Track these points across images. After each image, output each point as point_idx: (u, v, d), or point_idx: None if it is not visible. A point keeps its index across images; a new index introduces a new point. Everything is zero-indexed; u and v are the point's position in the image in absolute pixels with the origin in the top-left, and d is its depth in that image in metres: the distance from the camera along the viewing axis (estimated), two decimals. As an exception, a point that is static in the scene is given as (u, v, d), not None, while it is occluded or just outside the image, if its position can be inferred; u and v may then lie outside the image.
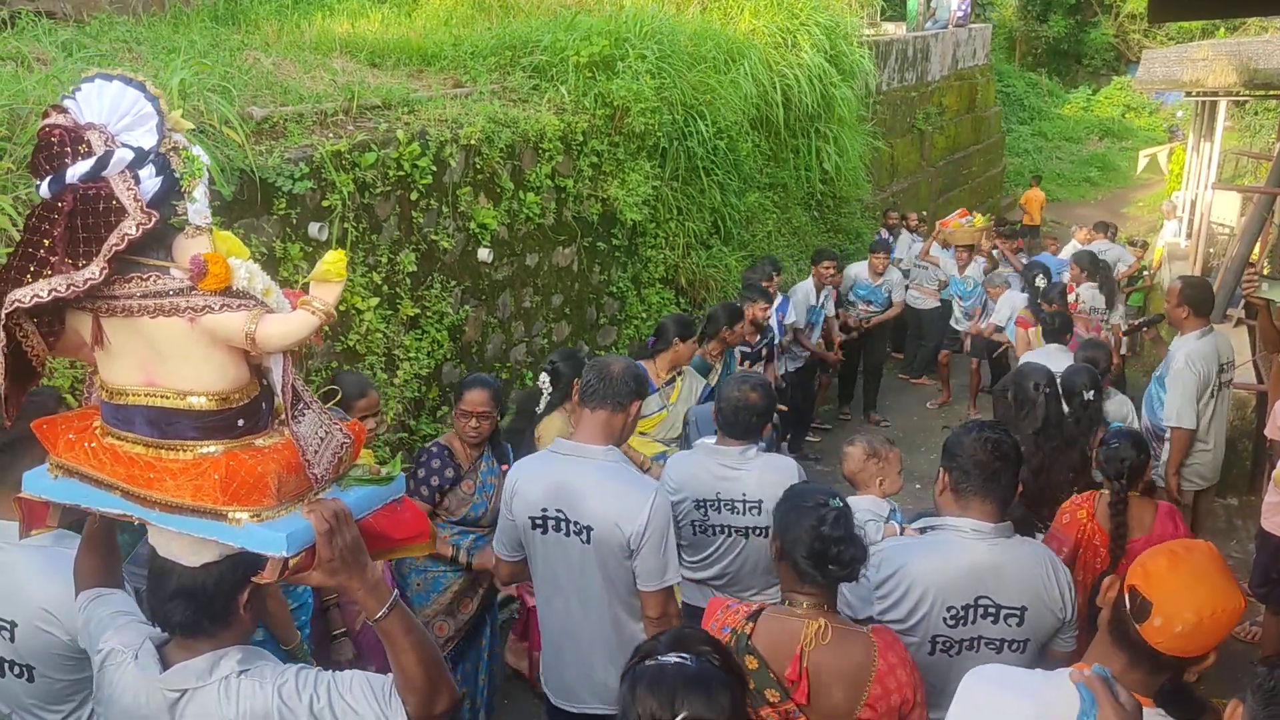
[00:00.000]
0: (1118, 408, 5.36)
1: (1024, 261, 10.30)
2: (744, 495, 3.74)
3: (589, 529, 3.10)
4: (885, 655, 2.47)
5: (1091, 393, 4.63)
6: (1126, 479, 3.89)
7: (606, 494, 3.10)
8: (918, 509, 4.68)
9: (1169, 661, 1.97)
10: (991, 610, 2.85)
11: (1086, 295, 8.51)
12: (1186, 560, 2.01)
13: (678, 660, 1.85)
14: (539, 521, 3.20)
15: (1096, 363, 5.37)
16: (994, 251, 10.61)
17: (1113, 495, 3.90)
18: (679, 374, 5.40)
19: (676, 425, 5.25)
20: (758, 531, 3.76)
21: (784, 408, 6.33)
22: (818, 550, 2.50)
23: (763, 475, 3.74)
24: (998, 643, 2.89)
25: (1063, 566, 3.00)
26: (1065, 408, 4.55)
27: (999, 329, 8.92)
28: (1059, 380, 4.60)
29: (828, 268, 8.41)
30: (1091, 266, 8.74)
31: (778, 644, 2.45)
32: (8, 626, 2.45)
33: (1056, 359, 5.69)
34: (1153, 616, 1.93)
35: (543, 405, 4.54)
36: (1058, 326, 6.65)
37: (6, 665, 2.50)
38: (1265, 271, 6.80)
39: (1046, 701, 1.97)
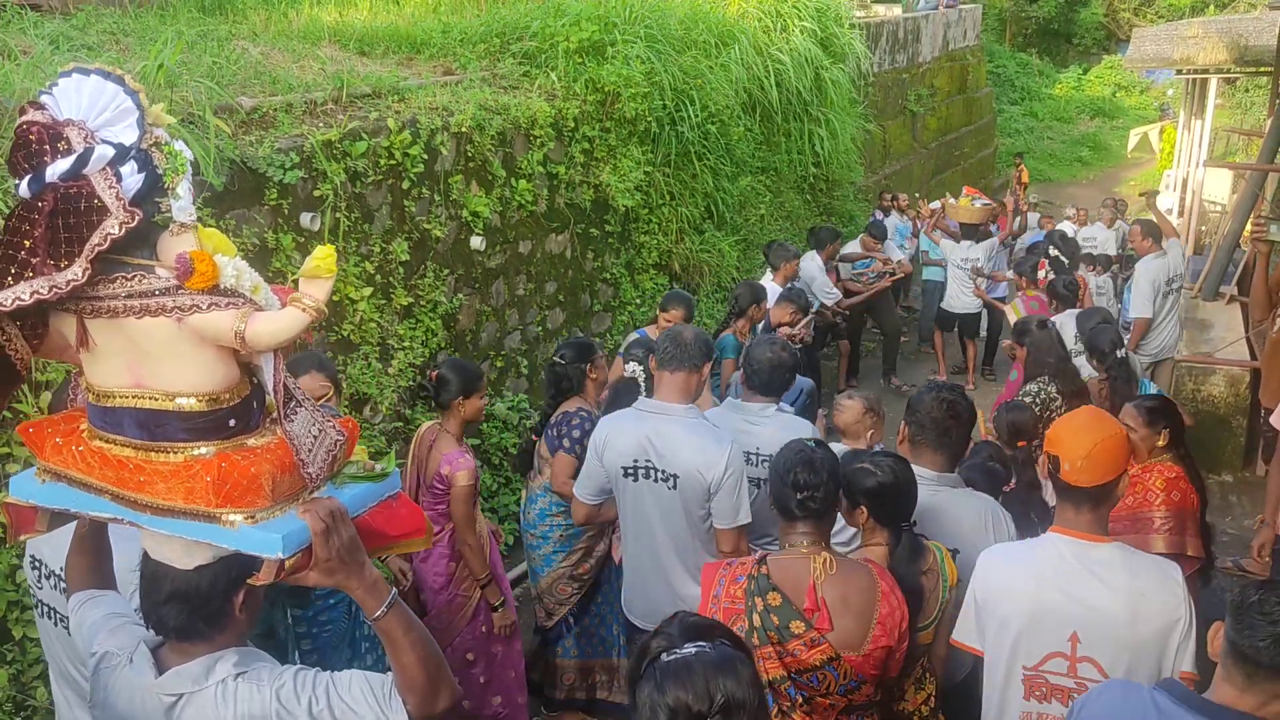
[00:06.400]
0: None
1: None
2: (758, 449, 3.90)
3: (675, 476, 3.53)
4: (884, 578, 2.71)
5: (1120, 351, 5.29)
6: None
7: (690, 446, 3.51)
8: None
9: (1095, 492, 2.60)
10: None
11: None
12: (1071, 421, 2.76)
13: (698, 649, 1.83)
14: (630, 470, 3.62)
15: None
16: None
17: None
18: None
19: None
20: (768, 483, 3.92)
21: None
22: (787, 485, 2.71)
23: (776, 432, 3.92)
24: None
25: (1007, 522, 3.34)
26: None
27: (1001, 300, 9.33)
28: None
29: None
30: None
31: (792, 580, 2.65)
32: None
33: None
34: (1062, 464, 2.62)
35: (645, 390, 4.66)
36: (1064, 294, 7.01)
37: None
38: (1264, 213, 6.83)
39: (1037, 560, 2.68)
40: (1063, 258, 8.46)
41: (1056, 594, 2.60)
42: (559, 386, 4.52)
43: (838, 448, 4.06)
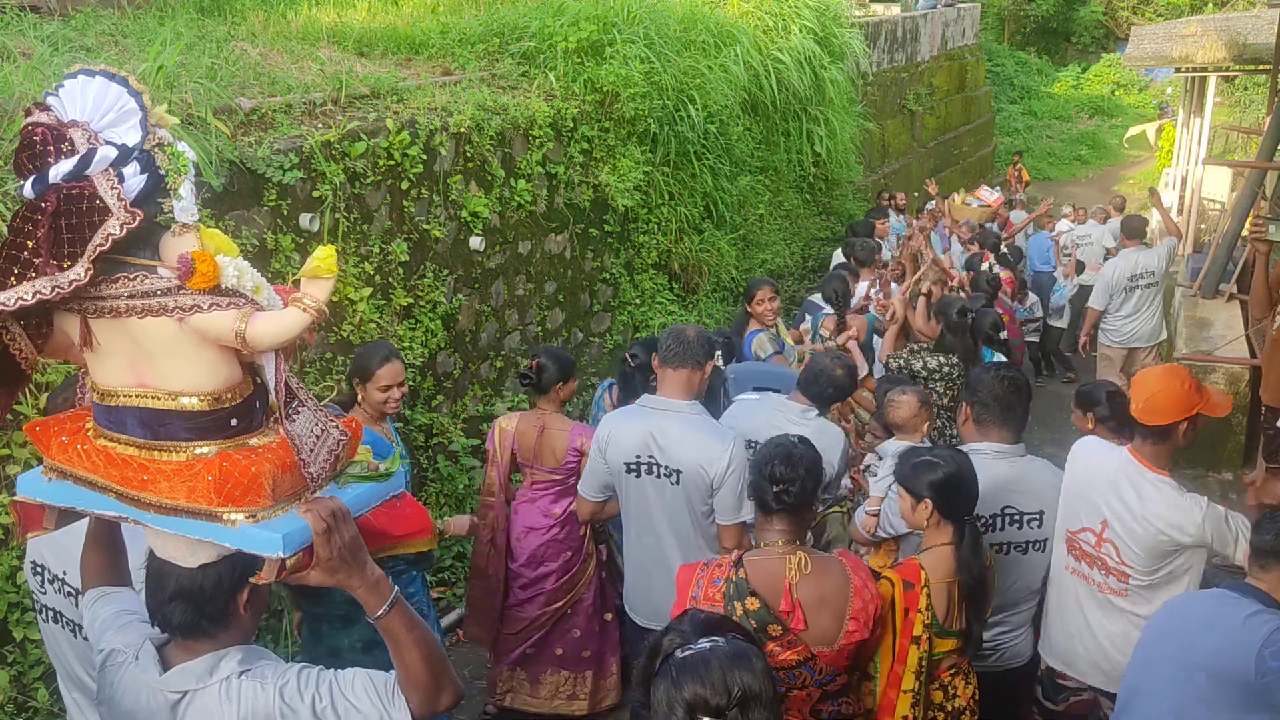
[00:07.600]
0: None
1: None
2: None
3: (679, 472, 3.54)
4: (857, 573, 2.75)
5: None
6: None
7: (693, 442, 3.53)
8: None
9: (1153, 430, 3.22)
10: (1016, 517, 3.48)
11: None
12: (1151, 370, 3.43)
13: (712, 644, 1.85)
14: (633, 466, 3.63)
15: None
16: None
17: None
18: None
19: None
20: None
21: None
22: (764, 478, 2.76)
23: (812, 436, 3.92)
24: (1024, 545, 3.52)
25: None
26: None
27: None
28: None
29: None
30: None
31: (768, 582, 2.68)
32: (75, 592, 2.49)
33: None
34: (1133, 403, 3.28)
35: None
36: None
37: (77, 629, 2.56)
38: (1263, 212, 6.84)
39: (1104, 457, 3.39)
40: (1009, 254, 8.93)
41: (1104, 486, 3.31)
42: (626, 385, 4.69)
43: (894, 444, 4.19)
